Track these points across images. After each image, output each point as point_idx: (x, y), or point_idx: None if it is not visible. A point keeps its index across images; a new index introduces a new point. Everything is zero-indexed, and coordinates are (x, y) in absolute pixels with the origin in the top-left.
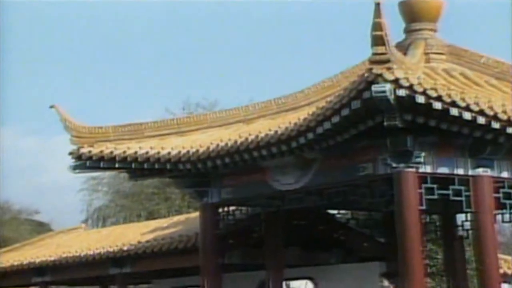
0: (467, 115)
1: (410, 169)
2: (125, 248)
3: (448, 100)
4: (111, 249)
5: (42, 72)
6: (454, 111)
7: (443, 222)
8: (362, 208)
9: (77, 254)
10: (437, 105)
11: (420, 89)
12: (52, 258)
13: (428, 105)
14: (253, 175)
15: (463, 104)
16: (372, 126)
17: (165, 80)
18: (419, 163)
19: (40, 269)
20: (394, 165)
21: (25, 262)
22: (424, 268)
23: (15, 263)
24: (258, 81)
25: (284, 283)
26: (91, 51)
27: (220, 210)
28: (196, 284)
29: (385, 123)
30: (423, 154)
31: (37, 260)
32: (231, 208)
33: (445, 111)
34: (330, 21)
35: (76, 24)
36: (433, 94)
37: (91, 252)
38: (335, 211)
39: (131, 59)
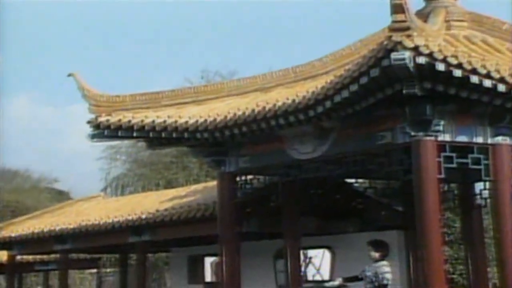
0: (487, 83)
1: (429, 138)
2: (143, 216)
3: (469, 67)
4: (130, 218)
5: (61, 41)
6: (474, 79)
7: (461, 190)
8: (380, 177)
9: (96, 222)
10: (457, 73)
11: (440, 57)
12: (72, 226)
13: (448, 73)
14: (271, 144)
15: (483, 72)
16: (391, 95)
17: (184, 49)
18: (438, 131)
19: (60, 237)
20: (412, 133)
21: (45, 229)
22: (442, 237)
23: (36, 231)
24: (277, 50)
25: (301, 252)
26: (110, 20)
27: (238, 179)
28: (214, 253)
29: (404, 91)
30: (442, 122)
31: (57, 228)
32: (249, 177)
33: (465, 79)
34: None
35: None
36: (454, 61)
37: (110, 220)
38: (352, 180)
39: (150, 28)
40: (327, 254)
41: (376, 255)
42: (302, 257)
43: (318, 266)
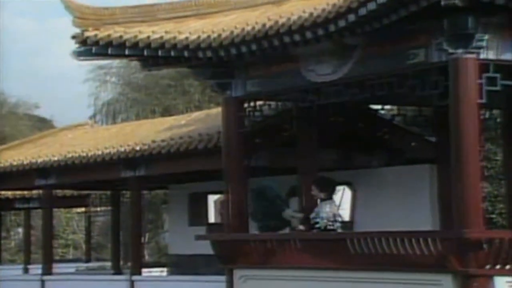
0: None
1: (469, 55)
2: (138, 148)
3: None
4: (122, 149)
5: None
6: None
7: (505, 118)
8: (411, 102)
9: (84, 154)
10: None
11: None
12: (56, 159)
13: None
14: (284, 64)
15: None
16: (426, 6)
17: None
18: (480, 48)
19: (43, 171)
20: (450, 50)
21: (25, 162)
22: (480, 171)
23: (15, 163)
24: None
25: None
26: None
27: (246, 105)
28: (218, 190)
29: (442, 2)
30: (486, 37)
31: (39, 160)
32: (258, 102)
33: None
34: None
35: None
36: None
37: (100, 152)
38: (378, 106)
39: None
40: (347, 192)
41: (321, 195)
42: (341, 194)
43: (338, 205)
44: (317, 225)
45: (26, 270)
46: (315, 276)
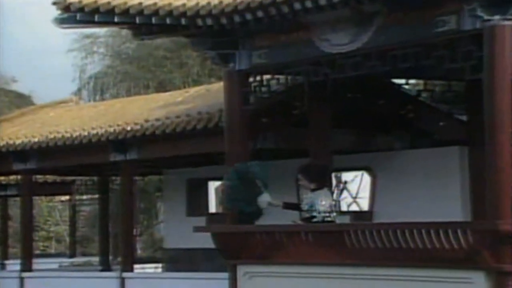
0: None
1: (507, 22)
2: (129, 128)
3: None
4: (111, 129)
5: None
6: None
7: None
8: (439, 76)
9: (68, 135)
10: None
11: None
12: (36, 140)
13: None
14: (295, 33)
15: None
16: None
17: None
18: None
19: (21, 153)
20: (486, 17)
21: (2, 143)
22: None
23: None
24: None
25: (333, 175)
26: None
27: (251, 79)
28: (220, 176)
29: None
30: None
31: (17, 142)
32: (265, 76)
33: None
34: None
35: None
36: None
37: (86, 133)
38: (402, 81)
39: None
40: (366, 178)
41: (311, 185)
42: (334, 181)
43: (355, 193)
44: (315, 219)
45: (2, 266)
46: (329, 273)
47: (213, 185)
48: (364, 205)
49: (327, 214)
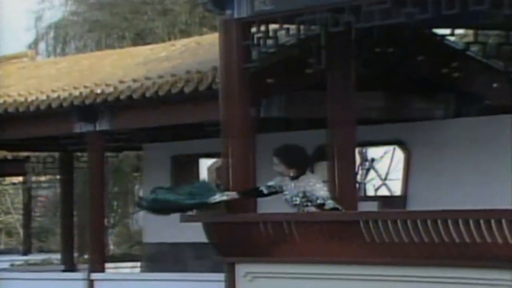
0: None
1: None
2: (99, 91)
3: None
4: (76, 93)
5: None
6: None
7: None
8: (492, 25)
9: (22, 99)
10: None
11: None
12: None
13: None
14: None
15: None
16: None
17: None
18: None
19: None
20: None
21: None
22: None
23: None
24: None
25: (357, 151)
26: None
27: (254, 30)
28: (213, 152)
29: None
30: None
31: None
32: (271, 26)
33: None
34: None
35: None
36: None
37: (44, 97)
38: (446, 31)
39: None
40: (398, 154)
41: (290, 172)
42: (358, 158)
43: (385, 174)
44: (320, 201)
45: None
46: (346, 273)
47: (205, 163)
48: (396, 188)
49: (330, 201)
